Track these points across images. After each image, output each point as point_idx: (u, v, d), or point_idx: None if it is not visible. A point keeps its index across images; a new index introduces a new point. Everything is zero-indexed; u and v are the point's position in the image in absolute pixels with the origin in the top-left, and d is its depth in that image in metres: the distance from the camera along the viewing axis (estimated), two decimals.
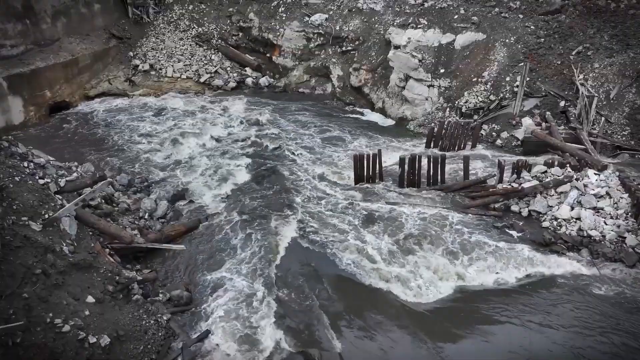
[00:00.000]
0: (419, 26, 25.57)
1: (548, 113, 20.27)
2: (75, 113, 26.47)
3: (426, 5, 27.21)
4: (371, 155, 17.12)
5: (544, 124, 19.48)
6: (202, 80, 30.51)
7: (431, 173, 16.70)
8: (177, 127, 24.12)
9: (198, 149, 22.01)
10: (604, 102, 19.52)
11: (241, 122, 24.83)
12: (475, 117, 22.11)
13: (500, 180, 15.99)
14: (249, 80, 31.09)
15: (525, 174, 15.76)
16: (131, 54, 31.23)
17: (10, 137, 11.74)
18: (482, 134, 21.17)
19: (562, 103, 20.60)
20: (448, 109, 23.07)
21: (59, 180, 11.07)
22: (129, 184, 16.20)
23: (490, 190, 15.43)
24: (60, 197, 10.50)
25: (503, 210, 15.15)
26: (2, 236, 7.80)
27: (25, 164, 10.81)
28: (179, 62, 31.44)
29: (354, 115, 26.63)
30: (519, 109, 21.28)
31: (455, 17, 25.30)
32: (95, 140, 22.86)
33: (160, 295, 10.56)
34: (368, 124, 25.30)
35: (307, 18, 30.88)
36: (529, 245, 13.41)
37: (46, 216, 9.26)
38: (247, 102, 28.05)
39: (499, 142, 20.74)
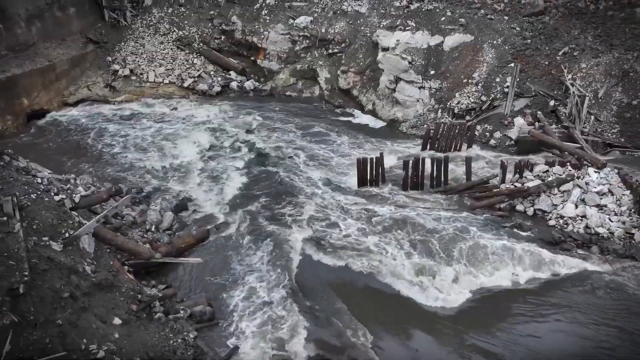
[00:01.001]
0: (407, 28, 25.73)
1: (539, 113, 20.73)
2: (54, 121, 25.37)
3: (412, 7, 27.43)
4: (375, 159, 17.03)
5: (537, 124, 19.89)
6: (185, 85, 29.80)
7: (434, 175, 16.74)
8: (166, 133, 23.45)
9: (190, 155, 21.47)
10: (593, 101, 20.11)
11: (232, 127, 24.35)
12: (468, 117, 22.40)
13: (503, 181, 16.21)
14: (233, 84, 30.56)
15: (527, 173, 16.01)
16: (110, 58, 30.21)
17: (9, 150, 11.05)
18: (475, 135, 21.44)
19: (552, 102, 21.11)
20: (440, 110, 23.29)
21: (74, 195, 10.48)
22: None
23: (496, 190, 15.60)
24: (76, 214, 9.93)
25: (508, 210, 15.35)
26: (29, 259, 7.28)
27: (39, 180, 10.19)
28: (160, 66, 30.60)
29: (345, 118, 26.54)
30: (510, 109, 21.68)
31: (443, 19, 25.60)
32: (79, 149, 21.97)
33: (181, 311, 10.14)
34: (360, 126, 25.27)
35: (291, 21, 30.63)
36: (539, 245, 13.62)
37: (66, 235, 8.73)
38: (234, 106, 27.57)
39: (492, 142, 21.06)
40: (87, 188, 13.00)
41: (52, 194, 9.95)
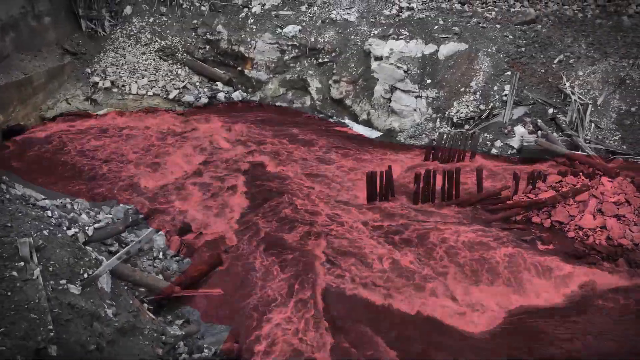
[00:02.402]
0: (400, 37, 25.44)
1: (539, 121, 20.67)
2: (32, 138, 23.82)
3: (403, 16, 27.22)
4: (384, 173, 16.49)
5: (539, 132, 19.80)
6: (171, 96, 28.66)
7: (446, 187, 16.32)
8: (155, 148, 22.34)
9: (184, 171, 20.47)
10: (592, 109, 20.18)
11: (225, 139, 23.42)
12: (467, 126, 22.19)
13: (516, 192, 15.91)
14: (220, 95, 29.60)
15: (540, 184, 15.77)
16: (89, 70, 28.80)
17: (4, 176, 9.91)
18: (470, 142, 21.20)
19: (551, 110, 21.11)
20: (438, 120, 23.02)
21: (87, 228, 9.45)
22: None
23: (511, 202, 15.27)
24: (90, 249, 8.92)
25: (524, 223, 15.03)
26: (51, 309, 6.33)
27: (49, 213, 9.13)
28: (143, 77, 29.37)
29: (339, 128, 26.00)
30: (509, 117, 21.59)
31: (436, 27, 25.45)
32: (63, 167, 20.64)
33: (206, 350, 9.25)
34: (355, 136, 24.76)
35: (279, 30, 29.96)
36: (563, 258, 13.30)
37: (85, 275, 7.76)
38: (224, 118, 26.62)
39: (494, 151, 20.87)
40: (87, 213, 11.92)
41: (64, 228, 8.94)
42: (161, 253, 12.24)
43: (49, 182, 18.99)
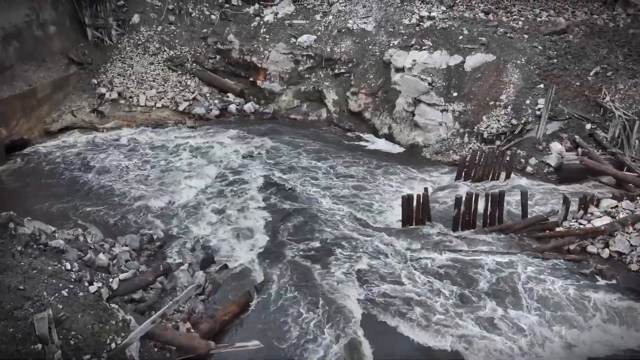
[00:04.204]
0: (423, 47, 24.24)
1: (577, 137, 19.41)
2: (36, 153, 22.55)
3: (424, 25, 26.05)
4: (421, 196, 15.17)
5: (579, 149, 18.54)
6: (180, 108, 27.43)
7: (488, 212, 15.00)
8: (166, 164, 21.03)
9: (197, 190, 19.15)
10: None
11: (239, 157, 22.11)
12: (498, 142, 20.94)
13: (565, 218, 14.59)
14: (232, 107, 28.38)
15: (593, 209, 14.47)
16: (95, 81, 27.59)
17: (11, 212, 8.60)
18: (506, 161, 19.93)
19: (588, 126, 19.87)
20: (467, 135, 21.75)
21: (111, 280, 8.12)
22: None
23: (564, 230, 13.95)
24: (116, 306, 7.58)
25: (578, 253, 13.70)
26: None
27: (68, 265, 7.79)
28: (151, 89, 28.14)
29: (359, 143, 24.73)
30: (543, 132, 20.34)
31: (460, 37, 24.27)
32: (68, 186, 19.31)
33: None
34: (377, 152, 23.45)
35: (293, 39, 28.80)
36: (629, 296, 11.96)
37: (112, 345, 6.44)
38: (236, 131, 25.33)
39: (529, 169, 19.59)
40: (102, 246, 10.58)
41: (86, 282, 7.61)
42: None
43: (55, 201, 17.70)
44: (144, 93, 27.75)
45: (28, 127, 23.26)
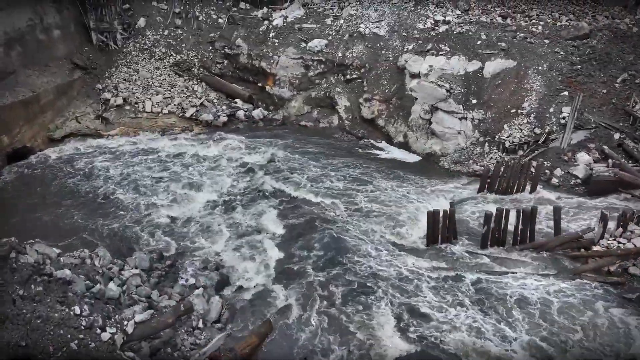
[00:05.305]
0: (440, 53, 23.37)
1: (606, 147, 18.51)
2: (39, 161, 21.75)
3: (440, 29, 25.20)
4: (447, 212, 14.28)
5: (610, 161, 17.64)
6: (188, 115, 26.58)
7: (519, 229, 14.10)
8: (175, 176, 20.15)
9: (207, 204, 18.29)
10: None
11: (249, 166, 21.23)
12: (520, 152, 20.05)
13: (602, 236, 13.67)
14: (240, 113, 27.54)
15: (633, 226, 13.55)
16: (99, 86, 26.81)
17: (12, 238, 7.74)
18: (532, 172, 19.03)
19: (617, 135, 18.96)
20: (487, 144, 20.85)
21: (125, 323, 7.23)
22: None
23: (603, 249, 13.04)
24: (132, 355, 6.70)
25: (619, 274, 12.78)
26: None
27: (77, 310, 6.92)
28: (157, 94, 27.34)
29: (373, 151, 23.86)
30: (567, 142, 19.44)
31: (479, 42, 23.40)
32: (72, 196, 18.52)
33: None
34: (393, 161, 22.56)
35: (303, 44, 27.97)
36: None
37: None
38: (246, 139, 24.48)
39: (554, 180, 18.68)
40: (109, 270, 9.70)
41: (98, 329, 6.73)
42: (201, 321, 10.00)
43: (59, 213, 16.88)
44: (150, 99, 26.95)
45: (31, 134, 22.46)
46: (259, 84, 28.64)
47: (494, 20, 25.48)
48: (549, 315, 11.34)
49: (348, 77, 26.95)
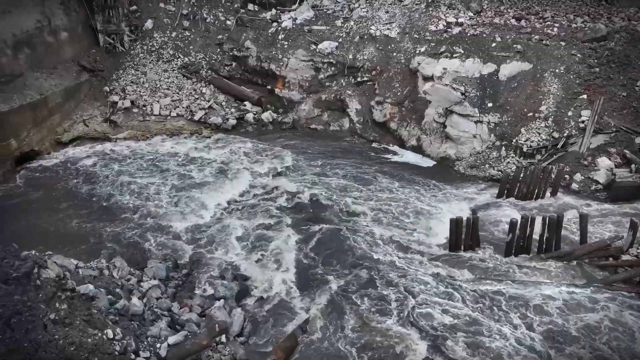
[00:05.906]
0: (454, 55, 23.00)
1: (628, 152, 18.12)
2: (47, 165, 21.40)
3: (453, 32, 24.82)
4: (471, 220, 13.89)
5: (633, 166, 17.25)
6: (196, 117, 26.22)
7: (545, 237, 13.70)
8: (186, 181, 19.78)
9: (220, 209, 17.91)
10: None
11: (261, 171, 20.87)
12: (538, 156, 19.67)
13: (632, 244, 13.28)
14: (249, 116, 27.19)
15: None
16: (107, 88, 26.47)
17: (33, 252, 7.37)
18: (552, 177, 18.64)
19: (638, 140, 18.56)
20: (504, 148, 20.46)
21: (158, 347, 6.84)
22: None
23: (635, 259, 12.64)
24: None
25: None
26: None
27: (110, 334, 6.49)
28: (165, 97, 26.98)
29: (386, 155, 23.48)
30: (587, 146, 19.05)
31: (493, 45, 23.03)
32: (83, 202, 18.15)
33: None
34: (406, 165, 22.19)
35: (313, 46, 27.60)
36: None
37: None
38: (255, 143, 24.12)
39: (574, 186, 18.27)
40: (127, 281, 9.32)
41: (132, 355, 6.34)
42: (224, 335, 9.60)
43: (69, 219, 16.52)
44: (158, 101, 26.61)
45: (39, 137, 22.11)
46: (268, 87, 28.28)
47: (508, 22, 25.11)
48: (583, 328, 10.93)
49: (359, 79, 26.58)
